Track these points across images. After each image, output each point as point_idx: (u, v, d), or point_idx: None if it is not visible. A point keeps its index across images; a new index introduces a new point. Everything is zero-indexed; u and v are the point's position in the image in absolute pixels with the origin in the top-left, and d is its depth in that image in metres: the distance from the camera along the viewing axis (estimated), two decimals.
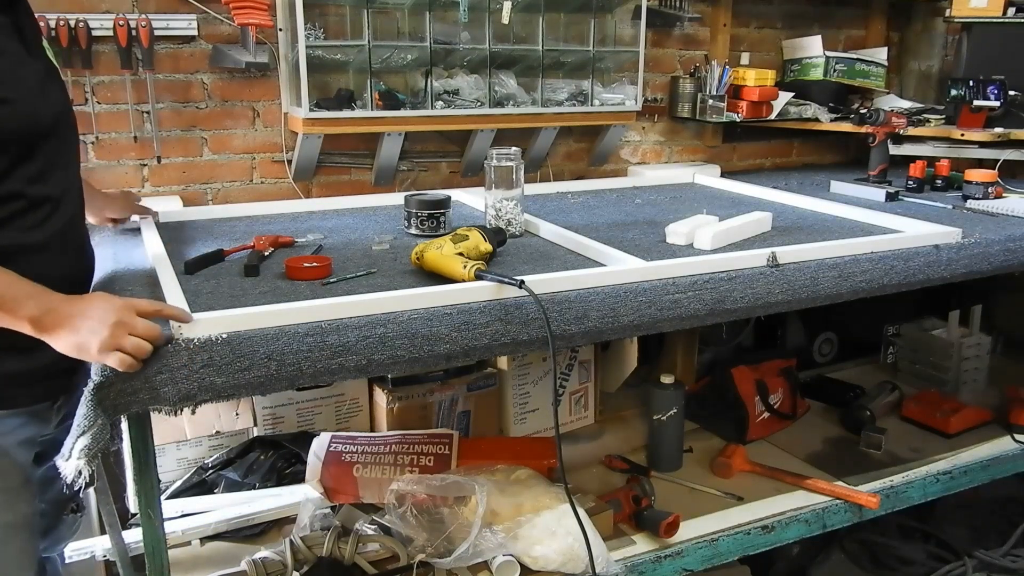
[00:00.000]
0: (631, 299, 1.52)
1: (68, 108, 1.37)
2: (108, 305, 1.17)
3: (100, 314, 1.15)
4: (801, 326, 2.69)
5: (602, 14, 2.44)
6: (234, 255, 1.69)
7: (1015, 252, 1.97)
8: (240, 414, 1.99)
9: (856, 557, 2.42)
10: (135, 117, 2.09)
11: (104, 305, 1.17)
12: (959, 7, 2.64)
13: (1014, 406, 2.34)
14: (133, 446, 1.28)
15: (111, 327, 1.14)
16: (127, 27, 1.97)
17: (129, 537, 1.65)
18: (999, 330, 2.84)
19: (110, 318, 1.15)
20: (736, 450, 2.10)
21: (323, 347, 1.29)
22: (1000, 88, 2.47)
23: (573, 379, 2.26)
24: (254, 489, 1.87)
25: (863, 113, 2.53)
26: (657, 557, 1.75)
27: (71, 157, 1.37)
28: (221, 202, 2.22)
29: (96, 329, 1.14)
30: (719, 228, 1.82)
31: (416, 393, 2.01)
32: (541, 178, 2.61)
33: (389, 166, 2.35)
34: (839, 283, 1.72)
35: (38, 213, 1.25)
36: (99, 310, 1.16)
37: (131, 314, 1.17)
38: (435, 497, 1.70)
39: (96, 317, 1.15)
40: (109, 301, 1.18)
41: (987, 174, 2.37)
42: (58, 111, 1.30)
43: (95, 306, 1.17)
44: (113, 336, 1.14)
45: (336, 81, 2.23)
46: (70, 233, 1.34)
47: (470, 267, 1.46)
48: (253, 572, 1.58)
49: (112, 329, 1.14)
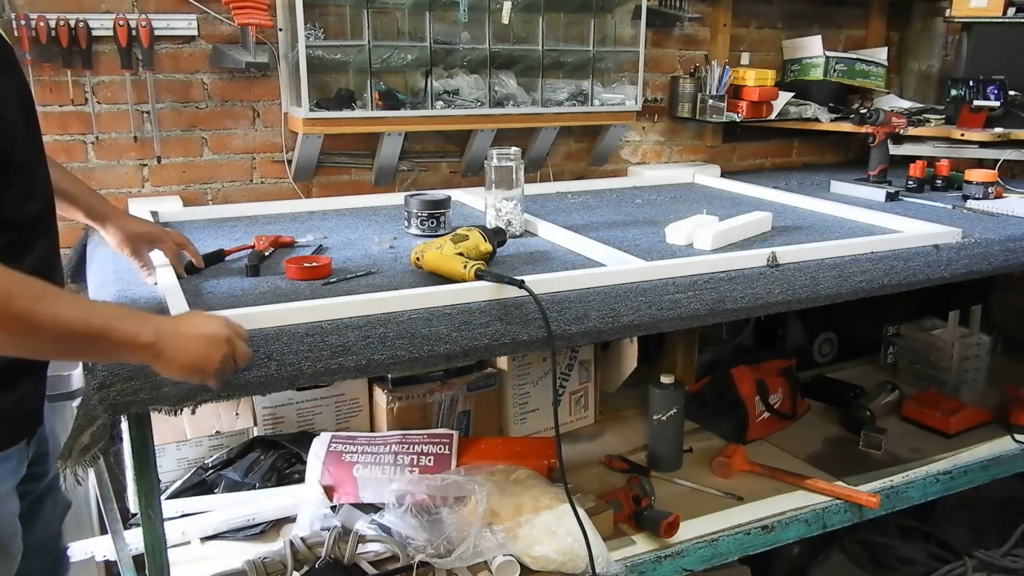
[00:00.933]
0: (631, 299, 1.52)
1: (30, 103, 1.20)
2: (217, 324, 1.14)
3: (211, 334, 1.12)
4: (801, 326, 2.69)
5: (602, 14, 2.44)
6: (234, 255, 1.69)
7: (1015, 252, 1.97)
8: (240, 414, 1.99)
9: (856, 557, 2.42)
10: (135, 117, 2.09)
11: (213, 324, 1.14)
12: (959, 7, 2.64)
13: (1014, 406, 2.34)
14: (133, 446, 1.28)
15: (222, 345, 1.12)
16: (127, 27, 1.97)
17: (129, 537, 1.65)
18: (999, 330, 2.84)
19: (222, 336, 1.13)
20: (736, 450, 2.10)
21: (323, 347, 1.29)
22: (1000, 88, 2.47)
23: (573, 379, 2.26)
24: (254, 489, 1.87)
25: (863, 113, 2.53)
26: (657, 557, 1.75)
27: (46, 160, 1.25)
28: (221, 202, 2.22)
29: (209, 348, 1.11)
30: (719, 228, 1.82)
31: (416, 393, 2.01)
32: (541, 178, 2.61)
33: (389, 166, 2.35)
34: (839, 283, 1.72)
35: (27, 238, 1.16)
36: (209, 329, 1.12)
37: (233, 330, 1.15)
38: (435, 497, 1.70)
39: (207, 338, 1.12)
40: (215, 320, 1.15)
41: (987, 174, 2.37)
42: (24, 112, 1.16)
43: (205, 325, 1.13)
44: (227, 357, 1.13)
45: (336, 81, 2.23)
46: (55, 247, 1.26)
47: (471, 267, 1.46)
48: (253, 572, 1.57)
49: (227, 347, 1.12)
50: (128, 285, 1.49)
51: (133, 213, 1.74)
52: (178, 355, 1.09)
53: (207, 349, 1.11)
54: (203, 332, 1.12)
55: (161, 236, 1.53)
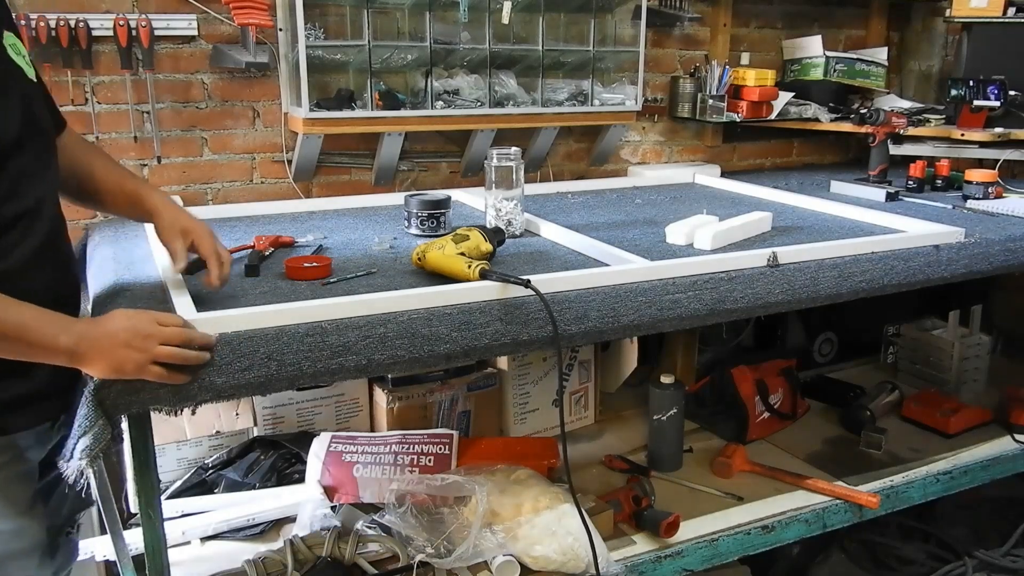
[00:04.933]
0: (631, 299, 1.52)
1: (35, 116, 1.23)
2: (130, 323, 1.15)
3: (126, 333, 1.14)
4: (801, 326, 2.69)
5: (602, 14, 2.44)
6: (234, 255, 1.69)
7: (1015, 252, 1.97)
8: (240, 414, 1.99)
9: (856, 557, 2.42)
10: (135, 117, 2.09)
11: (126, 323, 1.15)
12: (959, 7, 2.64)
13: (1014, 406, 2.34)
14: (133, 446, 1.28)
15: (141, 342, 1.13)
16: (127, 27, 1.97)
17: (129, 537, 1.65)
18: (999, 330, 2.84)
19: (137, 333, 1.14)
20: (736, 450, 2.10)
21: (323, 347, 1.29)
22: (1000, 88, 2.47)
23: (573, 379, 2.27)
24: (254, 489, 1.87)
25: (863, 113, 2.52)
26: (657, 557, 1.75)
27: (48, 159, 1.27)
28: (221, 202, 2.22)
29: (127, 346, 1.12)
30: (719, 228, 1.82)
31: (416, 393, 2.01)
32: (541, 178, 2.61)
33: (389, 166, 2.35)
34: (839, 283, 1.72)
35: (13, 234, 1.17)
36: (124, 329, 1.14)
37: (154, 325, 1.16)
38: (435, 497, 1.70)
39: (123, 336, 1.13)
40: (131, 318, 1.17)
41: (987, 174, 2.37)
42: (23, 119, 1.18)
43: (119, 325, 1.15)
44: (146, 350, 1.13)
45: (336, 81, 2.23)
46: (51, 245, 1.25)
47: (474, 267, 1.46)
48: (253, 572, 1.58)
49: (145, 343, 1.13)
50: (128, 285, 1.49)
51: None
52: (96, 358, 1.12)
53: (121, 349, 1.13)
54: (116, 334, 1.13)
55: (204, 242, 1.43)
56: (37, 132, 1.23)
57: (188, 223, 1.43)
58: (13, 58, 1.20)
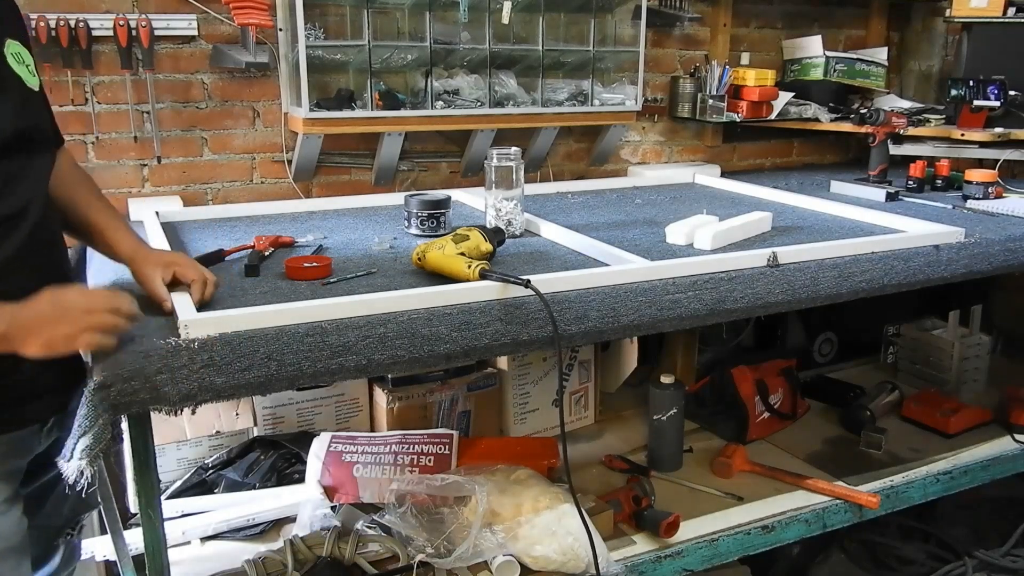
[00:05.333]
0: (631, 299, 1.52)
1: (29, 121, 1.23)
2: (56, 298, 1.16)
3: (53, 309, 1.14)
4: (801, 326, 2.69)
5: (602, 14, 2.44)
6: (234, 255, 1.69)
7: (1015, 252, 1.97)
8: (240, 414, 1.99)
9: (856, 557, 2.42)
10: (135, 117, 2.09)
11: (52, 298, 1.15)
12: (959, 7, 2.64)
13: (1014, 406, 2.34)
14: (133, 446, 1.28)
15: (67, 314, 1.14)
16: (127, 27, 1.97)
17: (129, 537, 1.65)
18: (999, 330, 2.85)
19: (63, 306, 1.14)
20: (736, 450, 2.10)
21: (323, 347, 1.29)
22: (1000, 88, 2.47)
23: (573, 379, 2.27)
24: (254, 489, 1.87)
25: (863, 113, 2.52)
26: (657, 557, 1.75)
27: (41, 165, 1.27)
28: (221, 202, 2.22)
29: (55, 321, 1.13)
30: (719, 228, 1.82)
31: (416, 393, 2.01)
32: (541, 178, 2.61)
33: (389, 166, 2.35)
34: (839, 283, 1.72)
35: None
36: (51, 304, 1.14)
37: (82, 296, 1.16)
38: (435, 497, 1.70)
39: (50, 312, 1.14)
40: (56, 293, 1.17)
41: (987, 174, 2.37)
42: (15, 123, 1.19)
43: (46, 302, 1.15)
44: (73, 322, 1.13)
45: (336, 81, 2.23)
46: (37, 248, 1.24)
47: (475, 267, 1.46)
48: (253, 572, 1.58)
49: (71, 315, 1.14)
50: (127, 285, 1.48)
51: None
52: (28, 338, 1.12)
53: (50, 326, 1.12)
54: (43, 311, 1.14)
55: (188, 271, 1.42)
56: (30, 137, 1.23)
57: (169, 258, 1.44)
58: (12, 66, 1.21)
